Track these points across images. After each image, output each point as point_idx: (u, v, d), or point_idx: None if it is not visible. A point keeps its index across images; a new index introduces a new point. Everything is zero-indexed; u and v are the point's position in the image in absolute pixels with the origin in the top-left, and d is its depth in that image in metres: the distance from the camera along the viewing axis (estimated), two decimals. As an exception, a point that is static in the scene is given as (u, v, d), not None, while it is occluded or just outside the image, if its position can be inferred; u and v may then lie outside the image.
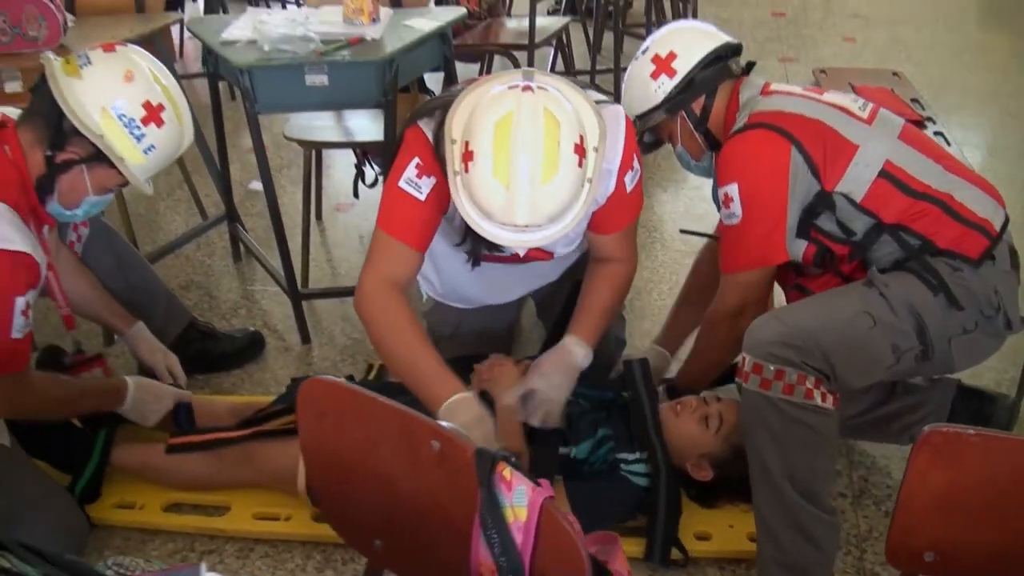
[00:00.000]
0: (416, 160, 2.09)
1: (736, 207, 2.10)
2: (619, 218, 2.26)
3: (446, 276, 2.47)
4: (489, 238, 1.97)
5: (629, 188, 2.21)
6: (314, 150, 3.40)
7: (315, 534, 2.25)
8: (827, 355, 1.92)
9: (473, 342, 2.60)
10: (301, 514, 2.27)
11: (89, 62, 2.08)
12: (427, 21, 2.97)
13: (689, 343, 2.52)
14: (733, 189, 2.09)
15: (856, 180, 2.08)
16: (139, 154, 2.10)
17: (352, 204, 3.61)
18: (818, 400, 1.93)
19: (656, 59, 2.25)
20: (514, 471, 1.21)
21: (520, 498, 1.20)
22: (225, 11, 5.21)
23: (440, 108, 2.05)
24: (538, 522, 1.19)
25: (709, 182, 2.27)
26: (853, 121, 2.13)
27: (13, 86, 2.99)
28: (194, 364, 2.76)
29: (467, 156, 1.88)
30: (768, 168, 2.08)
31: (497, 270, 2.39)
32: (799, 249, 2.14)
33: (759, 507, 2.02)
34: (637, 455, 2.25)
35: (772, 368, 1.92)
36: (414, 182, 2.09)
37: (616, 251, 2.33)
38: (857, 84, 2.94)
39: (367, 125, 3.28)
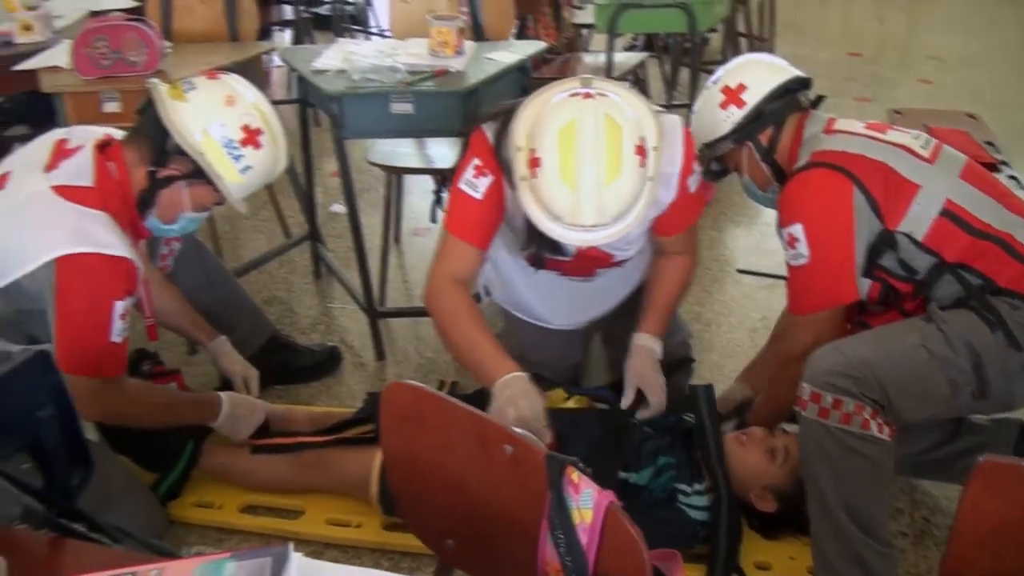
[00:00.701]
0: (475, 161, 2.21)
1: (803, 247, 2.11)
2: (683, 220, 2.38)
3: (504, 277, 2.55)
4: (557, 238, 2.07)
5: (692, 189, 2.30)
6: (395, 175, 3.51)
7: (384, 542, 2.31)
8: (883, 386, 1.94)
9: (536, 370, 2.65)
10: (372, 522, 2.34)
11: (193, 87, 2.20)
12: (508, 54, 3.08)
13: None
14: (798, 229, 2.11)
15: (918, 219, 2.08)
16: (236, 174, 2.21)
17: (429, 229, 3.69)
18: (875, 430, 1.95)
19: (726, 90, 2.29)
20: (582, 475, 1.27)
21: (587, 500, 1.26)
22: (312, 41, 5.39)
23: (503, 113, 2.16)
24: (603, 524, 1.25)
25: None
26: (915, 160, 2.13)
27: (112, 107, 3.12)
28: (274, 375, 2.86)
29: (534, 163, 1.99)
30: (833, 207, 2.10)
31: (555, 285, 2.47)
32: (864, 288, 2.15)
33: (816, 536, 2.05)
34: (696, 487, 2.25)
35: (830, 397, 1.95)
36: (471, 182, 2.21)
37: (679, 246, 2.45)
38: (932, 126, 2.93)
39: (447, 153, 3.35)
